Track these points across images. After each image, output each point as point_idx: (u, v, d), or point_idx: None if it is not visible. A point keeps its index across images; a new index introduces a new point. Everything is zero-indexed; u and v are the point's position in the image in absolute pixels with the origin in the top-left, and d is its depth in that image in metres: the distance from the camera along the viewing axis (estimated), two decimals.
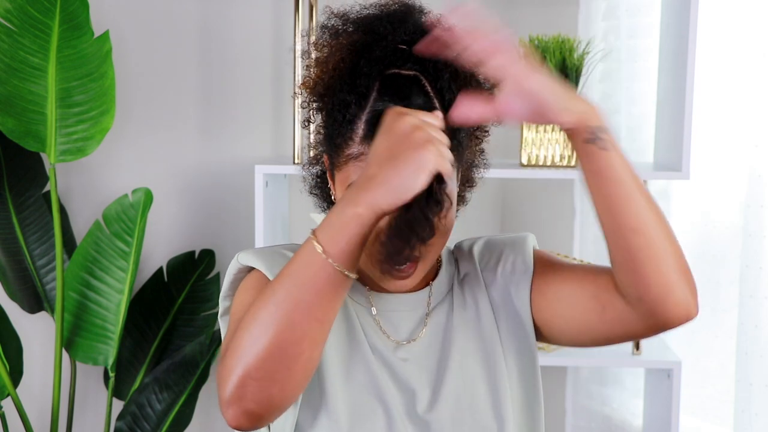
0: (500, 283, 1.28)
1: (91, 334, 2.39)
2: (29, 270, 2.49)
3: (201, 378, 2.46)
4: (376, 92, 1.14)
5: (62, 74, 2.22)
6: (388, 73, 1.15)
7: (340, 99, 1.16)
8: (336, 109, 1.16)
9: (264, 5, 2.52)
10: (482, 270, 1.30)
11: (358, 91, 1.15)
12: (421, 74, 1.15)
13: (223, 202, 2.60)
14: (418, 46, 1.10)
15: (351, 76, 1.16)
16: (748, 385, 2.22)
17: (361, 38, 1.18)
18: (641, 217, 1.09)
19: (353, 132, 1.14)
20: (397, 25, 1.17)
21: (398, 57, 1.15)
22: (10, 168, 2.46)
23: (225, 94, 2.57)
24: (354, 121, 1.14)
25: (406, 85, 1.14)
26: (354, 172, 1.14)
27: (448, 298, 1.28)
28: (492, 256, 1.31)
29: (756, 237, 2.18)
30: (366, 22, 1.20)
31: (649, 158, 2.43)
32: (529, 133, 2.19)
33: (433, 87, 1.16)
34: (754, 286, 2.20)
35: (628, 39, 2.41)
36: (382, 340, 1.24)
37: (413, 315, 1.26)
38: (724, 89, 2.32)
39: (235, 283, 1.26)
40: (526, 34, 2.27)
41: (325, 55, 1.20)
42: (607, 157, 1.07)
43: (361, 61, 1.16)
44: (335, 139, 1.17)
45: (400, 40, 1.16)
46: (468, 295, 1.28)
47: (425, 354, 1.24)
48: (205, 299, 2.57)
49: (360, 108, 1.14)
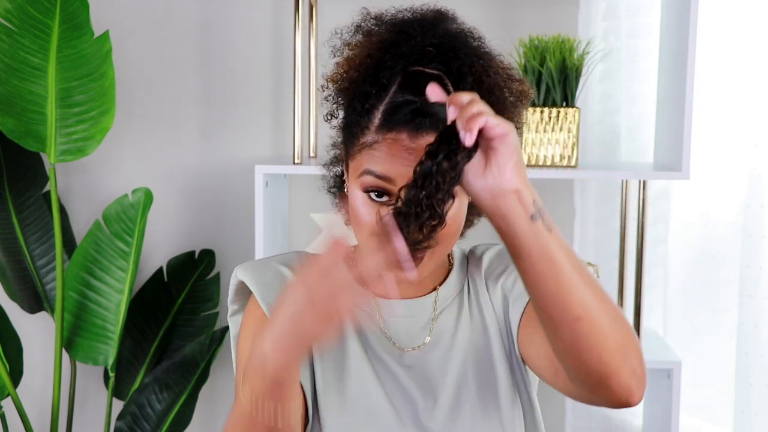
0: (500, 294, 1.28)
1: (91, 334, 2.39)
2: (29, 270, 2.49)
3: (201, 378, 2.46)
4: (397, 85, 1.14)
5: (62, 74, 2.22)
6: (411, 70, 1.15)
7: (361, 90, 1.16)
8: (356, 99, 1.17)
9: (264, 5, 2.52)
10: (486, 278, 1.29)
11: (379, 83, 1.15)
12: (445, 75, 1.15)
13: (223, 202, 2.60)
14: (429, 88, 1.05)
15: (375, 69, 1.16)
16: (748, 385, 2.22)
17: (391, 37, 1.18)
18: (585, 303, 1.00)
19: (369, 121, 1.14)
20: (428, 29, 1.18)
21: (424, 56, 1.15)
22: (10, 168, 2.46)
23: (225, 94, 2.57)
24: (372, 111, 1.14)
25: (428, 82, 1.12)
26: (366, 161, 1.13)
27: (456, 303, 1.28)
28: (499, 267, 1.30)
29: (756, 237, 2.18)
30: (398, 23, 1.20)
31: (649, 158, 2.43)
32: (530, 134, 2.19)
33: (456, 87, 1.15)
34: (754, 286, 2.20)
35: (628, 39, 2.41)
36: (387, 347, 1.23)
37: (418, 321, 1.25)
38: (724, 89, 2.33)
39: (238, 293, 1.29)
40: (526, 34, 2.27)
41: (354, 53, 1.21)
42: (550, 239, 0.99)
43: (386, 56, 1.16)
44: (352, 128, 1.17)
45: (428, 43, 1.16)
46: (474, 301, 1.28)
47: (430, 361, 1.24)
48: (205, 299, 2.57)
49: (379, 99, 1.14)
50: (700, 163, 2.33)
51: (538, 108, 2.18)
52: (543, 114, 2.18)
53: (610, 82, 2.44)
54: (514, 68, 1.24)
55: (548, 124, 2.18)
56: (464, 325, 1.26)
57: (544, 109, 2.18)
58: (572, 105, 2.19)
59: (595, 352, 1.01)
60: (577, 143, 2.19)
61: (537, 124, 2.18)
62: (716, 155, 2.35)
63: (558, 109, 2.18)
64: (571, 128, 2.18)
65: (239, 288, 1.28)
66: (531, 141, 2.19)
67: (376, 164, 1.12)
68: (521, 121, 1.25)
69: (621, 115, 2.44)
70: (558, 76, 2.17)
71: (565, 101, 2.20)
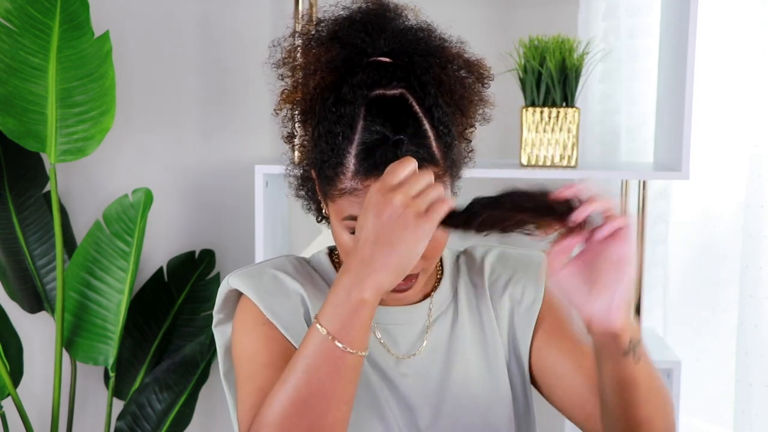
0: (507, 305, 1.27)
1: (91, 334, 2.40)
2: (29, 270, 2.49)
3: (201, 378, 2.46)
4: (362, 120, 1.10)
5: (62, 74, 2.22)
6: (372, 96, 1.11)
7: (326, 128, 1.13)
8: (322, 139, 1.13)
9: (264, 5, 2.53)
10: (490, 285, 1.28)
11: (343, 122, 1.11)
12: (407, 91, 1.12)
13: (223, 202, 2.60)
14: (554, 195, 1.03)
15: (335, 104, 1.12)
16: (748, 385, 2.22)
17: (339, 53, 1.14)
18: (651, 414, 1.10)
19: (344, 167, 1.11)
20: (375, 35, 1.14)
21: (382, 75, 1.12)
22: (11, 168, 2.46)
23: (225, 94, 2.57)
24: (344, 155, 1.11)
25: (393, 109, 1.11)
26: (349, 207, 1.11)
27: (451, 308, 1.26)
28: (503, 274, 1.28)
29: (756, 237, 2.18)
30: (341, 29, 1.16)
31: (649, 158, 2.43)
32: (529, 134, 2.19)
33: (421, 105, 1.12)
34: (754, 286, 2.20)
35: (628, 39, 2.41)
36: (383, 355, 1.22)
37: (413, 328, 1.23)
38: (724, 89, 2.33)
39: (226, 302, 1.26)
40: (525, 34, 2.27)
41: (302, 68, 1.17)
42: (636, 369, 1.07)
43: (343, 87, 1.12)
44: (325, 171, 1.13)
45: (380, 53, 1.13)
46: (473, 307, 1.27)
47: (426, 369, 1.22)
48: (205, 299, 2.57)
49: (347, 140, 1.11)
50: (700, 163, 2.33)
51: (538, 108, 2.18)
52: (543, 114, 2.18)
53: (610, 82, 2.44)
54: (467, 47, 1.21)
55: (548, 124, 2.18)
56: (460, 330, 1.25)
57: (543, 109, 2.18)
58: (572, 105, 2.19)
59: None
60: (576, 143, 2.19)
61: (537, 124, 2.18)
62: (716, 155, 2.35)
63: (558, 109, 2.18)
64: (571, 128, 2.18)
65: (228, 296, 1.25)
66: (531, 141, 2.19)
67: (359, 209, 1.09)
68: (486, 100, 1.23)
69: (621, 115, 2.44)
70: (558, 76, 2.17)
71: (565, 101, 2.20)
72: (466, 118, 1.21)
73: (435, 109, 1.13)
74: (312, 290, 1.22)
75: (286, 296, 1.20)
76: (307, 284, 1.23)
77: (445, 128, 1.13)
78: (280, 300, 1.19)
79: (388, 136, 1.09)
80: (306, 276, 1.24)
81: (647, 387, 1.08)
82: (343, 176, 1.11)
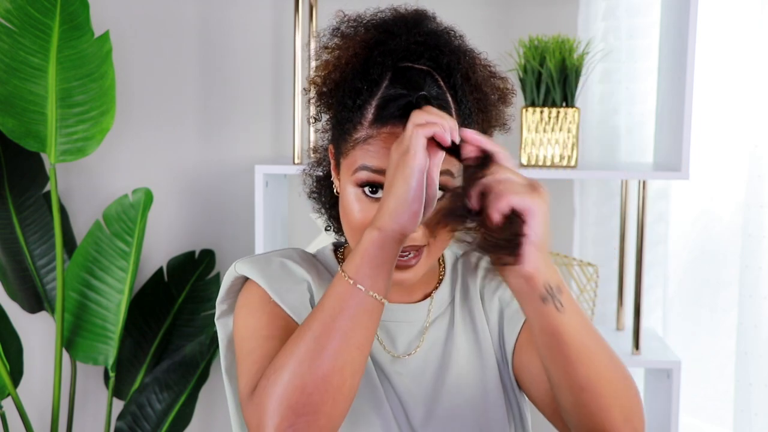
0: (497, 306, 1.27)
1: (91, 334, 2.40)
2: (29, 270, 2.49)
3: (201, 378, 2.46)
4: (388, 80, 1.14)
5: (62, 74, 2.22)
6: (401, 65, 1.15)
7: (351, 86, 1.16)
8: (347, 96, 1.16)
9: (264, 5, 2.53)
10: (482, 288, 1.29)
11: (370, 79, 1.14)
12: (434, 71, 1.15)
13: (223, 202, 2.61)
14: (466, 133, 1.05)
15: (364, 66, 1.15)
16: (748, 385, 2.22)
17: (375, 36, 1.17)
18: (591, 376, 1.05)
19: (362, 117, 1.14)
20: (411, 27, 1.17)
21: (411, 52, 1.15)
22: (11, 168, 2.46)
23: (225, 94, 2.57)
24: (364, 107, 1.14)
25: (419, 76, 1.13)
26: (361, 157, 1.13)
27: (449, 310, 1.27)
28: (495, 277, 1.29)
29: (756, 237, 2.18)
30: (379, 23, 1.20)
31: (649, 158, 2.44)
32: (529, 134, 2.19)
33: (447, 83, 1.15)
34: (753, 286, 2.20)
35: (628, 39, 2.41)
36: (380, 351, 1.22)
37: (412, 328, 1.24)
38: (724, 89, 2.33)
39: (231, 289, 1.25)
40: (525, 34, 2.27)
41: (337, 54, 1.19)
42: (559, 318, 1.02)
43: (374, 53, 1.15)
44: (344, 125, 1.16)
45: (414, 40, 1.16)
46: (467, 310, 1.27)
47: (421, 370, 1.23)
48: (205, 299, 2.57)
49: (371, 94, 1.14)
50: (700, 163, 2.33)
51: (538, 108, 2.18)
52: (543, 114, 2.19)
53: (610, 82, 2.44)
54: (496, 66, 1.23)
55: (548, 124, 2.19)
56: (456, 333, 1.25)
57: (543, 109, 2.18)
58: (572, 105, 2.19)
59: (597, 418, 1.06)
60: (576, 143, 2.19)
61: (537, 124, 2.19)
62: (716, 155, 2.36)
63: (558, 109, 2.18)
64: (570, 128, 2.18)
65: (234, 284, 1.25)
66: (531, 141, 2.20)
67: (372, 159, 1.12)
68: (504, 119, 1.24)
69: (621, 115, 2.44)
70: (558, 76, 2.17)
71: (565, 101, 2.20)
72: (487, 116, 1.22)
73: (459, 90, 1.15)
74: (317, 279, 1.23)
75: (294, 281, 1.21)
76: (313, 272, 1.24)
77: (466, 108, 1.16)
78: (287, 285, 1.20)
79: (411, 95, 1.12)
80: (312, 266, 1.25)
81: (579, 343, 1.04)
82: (360, 126, 1.14)
